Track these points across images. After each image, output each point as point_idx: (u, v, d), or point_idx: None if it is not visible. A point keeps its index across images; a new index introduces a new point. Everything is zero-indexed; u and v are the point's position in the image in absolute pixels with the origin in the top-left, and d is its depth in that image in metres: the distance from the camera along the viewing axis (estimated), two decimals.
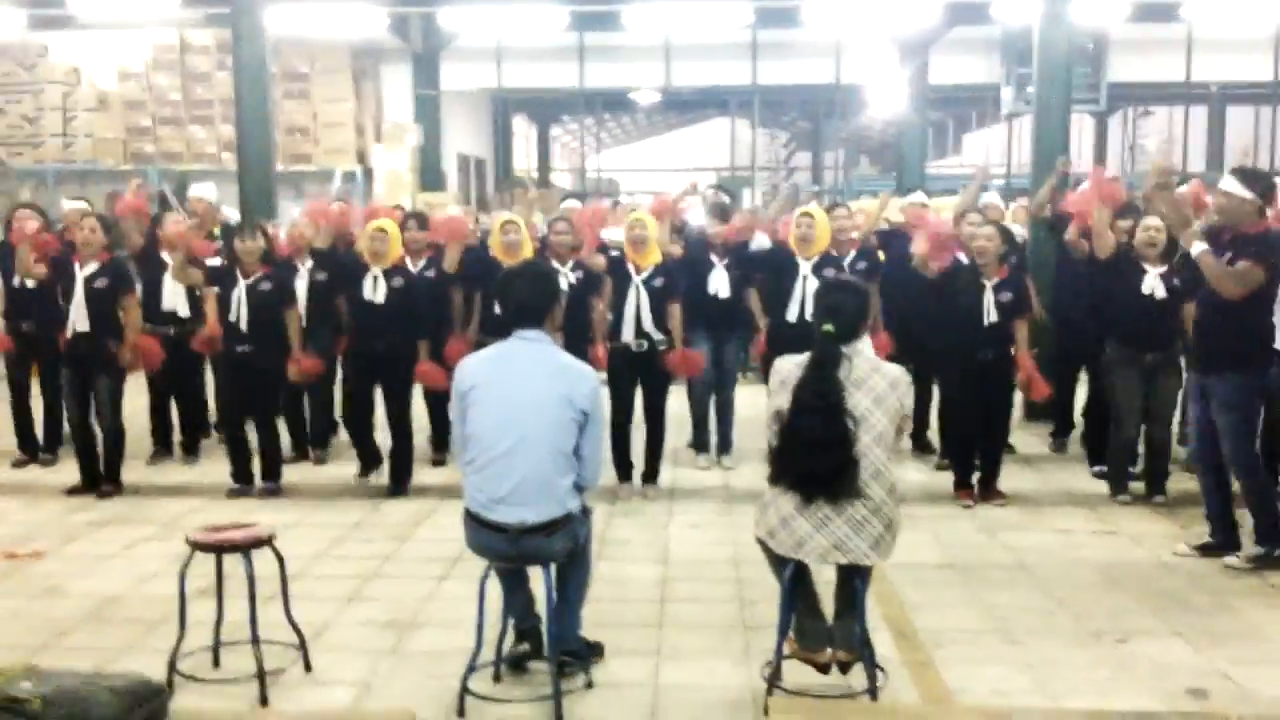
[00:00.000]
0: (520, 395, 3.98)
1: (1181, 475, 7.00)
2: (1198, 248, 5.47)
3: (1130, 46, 16.19)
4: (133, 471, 7.42)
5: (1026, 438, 8.35)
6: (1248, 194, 5.42)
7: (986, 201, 8.49)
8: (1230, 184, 5.49)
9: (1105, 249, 6.64)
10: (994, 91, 17.17)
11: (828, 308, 3.97)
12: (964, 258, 6.95)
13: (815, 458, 3.82)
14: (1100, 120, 22.08)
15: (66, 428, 7.56)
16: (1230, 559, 5.64)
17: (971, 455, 6.94)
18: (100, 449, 7.09)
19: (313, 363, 7.19)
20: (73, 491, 7.06)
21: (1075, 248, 7.15)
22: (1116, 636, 4.73)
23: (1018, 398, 7.25)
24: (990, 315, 6.62)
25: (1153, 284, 6.53)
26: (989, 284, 6.65)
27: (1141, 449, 6.94)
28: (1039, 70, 9.84)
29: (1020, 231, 8.17)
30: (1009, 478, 7.04)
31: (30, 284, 7.40)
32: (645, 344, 7.00)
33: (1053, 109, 9.68)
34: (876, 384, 3.89)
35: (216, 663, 4.35)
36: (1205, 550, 5.73)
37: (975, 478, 6.88)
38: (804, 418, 3.84)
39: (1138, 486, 6.87)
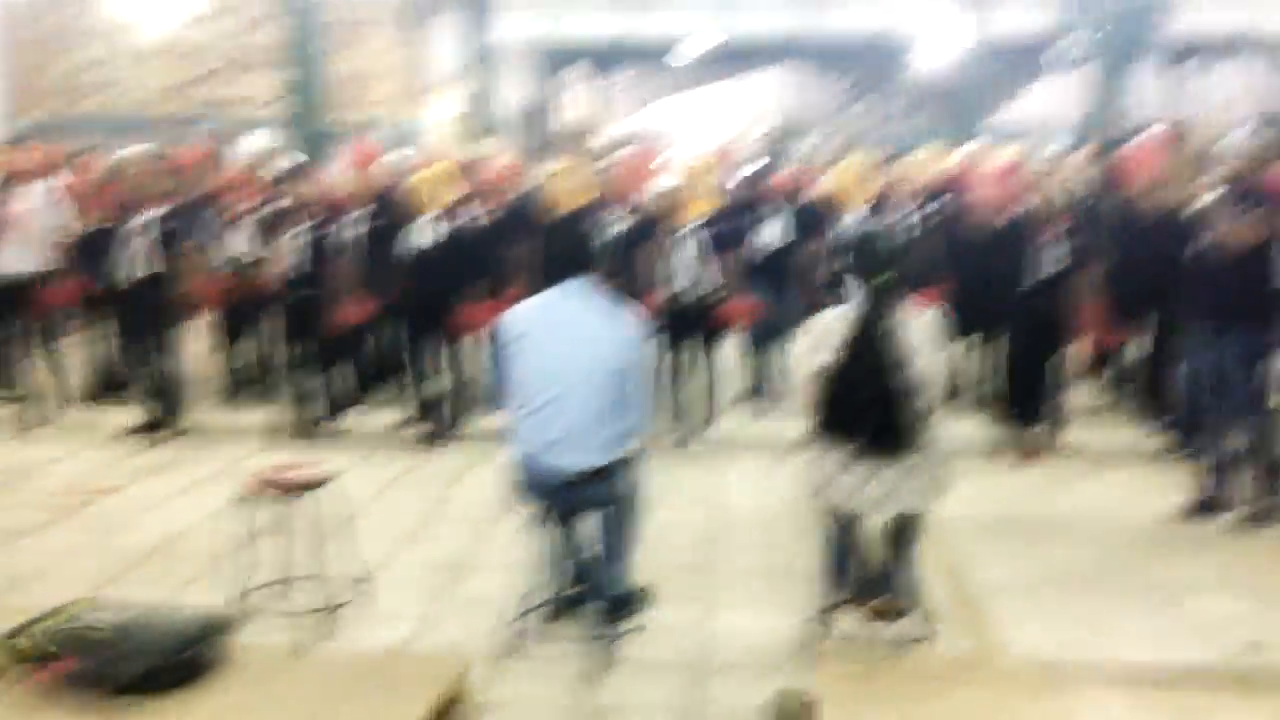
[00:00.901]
0: (568, 343, 4.00)
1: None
2: (1206, 200, 5.40)
3: None
4: (198, 413, 7.57)
5: (1085, 392, 8.25)
6: (1259, 143, 5.35)
7: (1048, 153, 8.35)
8: (1242, 134, 5.41)
9: (1171, 200, 6.52)
10: (1057, 41, 16.81)
11: (872, 260, 3.93)
12: (1019, 210, 6.86)
13: (879, 413, 3.80)
14: (1165, 71, 21.56)
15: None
16: (1224, 517, 5.60)
17: (1030, 408, 6.88)
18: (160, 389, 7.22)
19: (362, 309, 7.26)
20: (136, 430, 7.21)
21: (1139, 201, 7.03)
22: (1173, 590, 4.70)
23: (1077, 353, 7.18)
24: (1049, 268, 6.54)
25: None
26: (1046, 239, 6.56)
27: None
28: (1102, 20, 9.63)
29: (1080, 184, 8.03)
30: (1067, 432, 6.98)
31: (93, 230, 7.53)
32: (696, 295, 6.99)
33: (1116, 59, 9.49)
34: (911, 331, 3.87)
35: (277, 600, 4.45)
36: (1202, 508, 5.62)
37: (1034, 428, 6.84)
38: (864, 374, 3.82)
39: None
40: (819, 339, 3.94)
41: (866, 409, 3.81)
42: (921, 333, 3.89)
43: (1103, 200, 8.21)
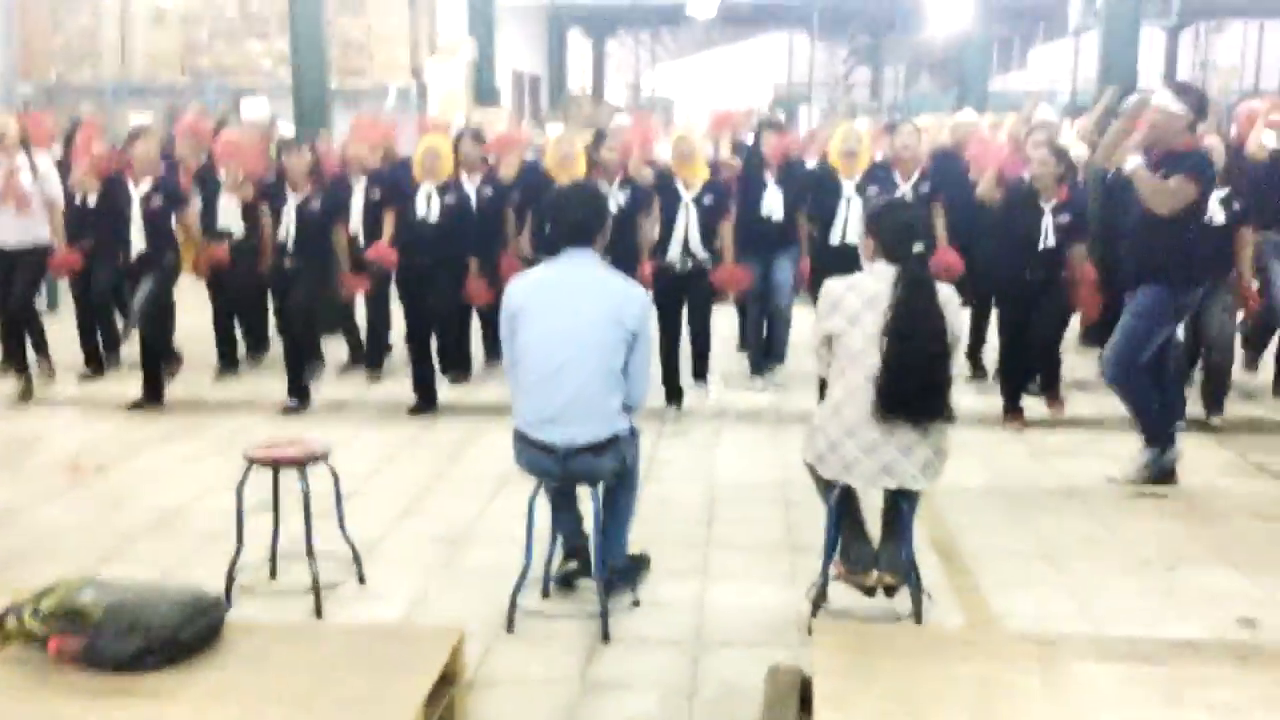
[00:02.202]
0: (569, 315, 3.98)
1: (1239, 401, 6.91)
2: (1131, 163, 5.39)
3: None
4: (195, 387, 7.57)
5: (1080, 361, 8.23)
6: (1179, 109, 5.30)
7: (1041, 119, 8.27)
8: (1163, 99, 5.37)
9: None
10: (1060, 5, 16.67)
11: (908, 226, 3.92)
12: (1021, 178, 6.83)
13: (915, 381, 3.80)
14: (1171, 35, 21.38)
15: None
16: (1111, 472, 5.71)
17: (1023, 379, 6.87)
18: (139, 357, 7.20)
19: (360, 281, 7.25)
20: (133, 404, 7.20)
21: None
22: (1166, 564, 4.70)
23: (1074, 322, 7.16)
24: (1047, 239, 6.51)
25: (1212, 208, 6.34)
26: (1047, 206, 6.52)
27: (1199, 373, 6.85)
28: None
29: (1079, 151, 7.95)
30: (1065, 401, 6.97)
31: (90, 202, 7.51)
32: (690, 263, 6.97)
33: (1121, 23, 9.38)
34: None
35: (273, 575, 4.47)
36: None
37: (1031, 397, 6.84)
38: (909, 341, 3.79)
39: (1194, 411, 6.76)
40: (829, 309, 3.92)
41: (911, 379, 3.80)
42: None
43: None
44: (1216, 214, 6.33)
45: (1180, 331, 6.45)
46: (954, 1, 16.85)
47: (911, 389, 3.80)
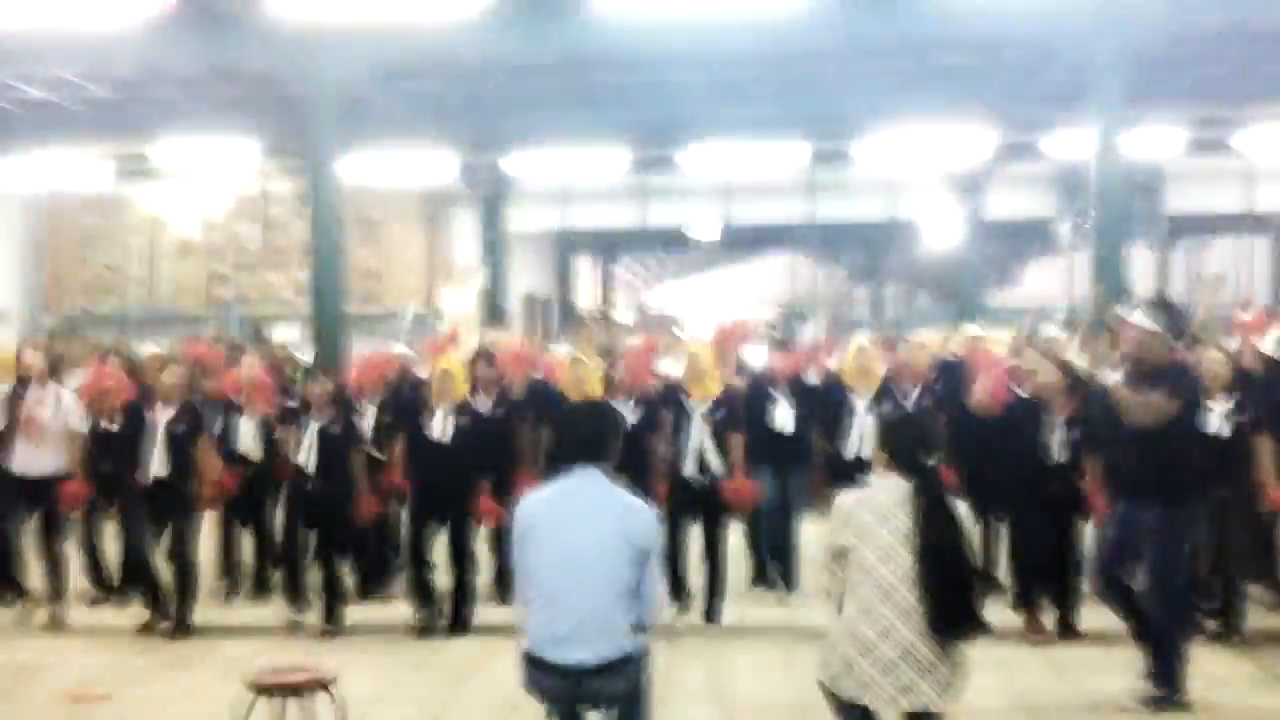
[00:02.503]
0: (580, 533, 3.98)
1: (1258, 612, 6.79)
2: (1111, 378, 5.52)
3: (1188, 177, 16.29)
4: (202, 611, 7.49)
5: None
6: (1154, 327, 5.47)
7: (1047, 336, 8.45)
8: (1139, 317, 5.54)
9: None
10: (1050, 223, 17.29)
11: (921, 440, 3.97)
12: (1022, 393, 6.91)
13: (958, 597, 3.79)
14: (1161, 250, 22.02)
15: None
16: (1135, 691, 5.49)
17: (1041, 591, 6.78)
18: (170, 588, 7.17)
19: (374, 504, 7.29)
20: (142, 630, 7.12)
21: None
22: None
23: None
24: (1060, 453, 6.54)
25: (1217, 421, 6.39)
26: (1058, 420, 6.57)
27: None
28: (1096, 203, 9.91)
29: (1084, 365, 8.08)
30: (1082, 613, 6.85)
31: (113, 428, 7.61)
32: (706, 478, 7.00)
33: (1111, 242, 9.73)
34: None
35: None
36: (1155, 702, 5.47)
37: (1048, 615, 6.72)
38: (943, 561, 3.80)
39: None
40: (841, 524, 3.94)
41: (955, 593, 3.80)
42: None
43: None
44: (1221, 426, 6.37)
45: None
46: (946, 223, 17.52)
47: (956, 606, 3.79)
